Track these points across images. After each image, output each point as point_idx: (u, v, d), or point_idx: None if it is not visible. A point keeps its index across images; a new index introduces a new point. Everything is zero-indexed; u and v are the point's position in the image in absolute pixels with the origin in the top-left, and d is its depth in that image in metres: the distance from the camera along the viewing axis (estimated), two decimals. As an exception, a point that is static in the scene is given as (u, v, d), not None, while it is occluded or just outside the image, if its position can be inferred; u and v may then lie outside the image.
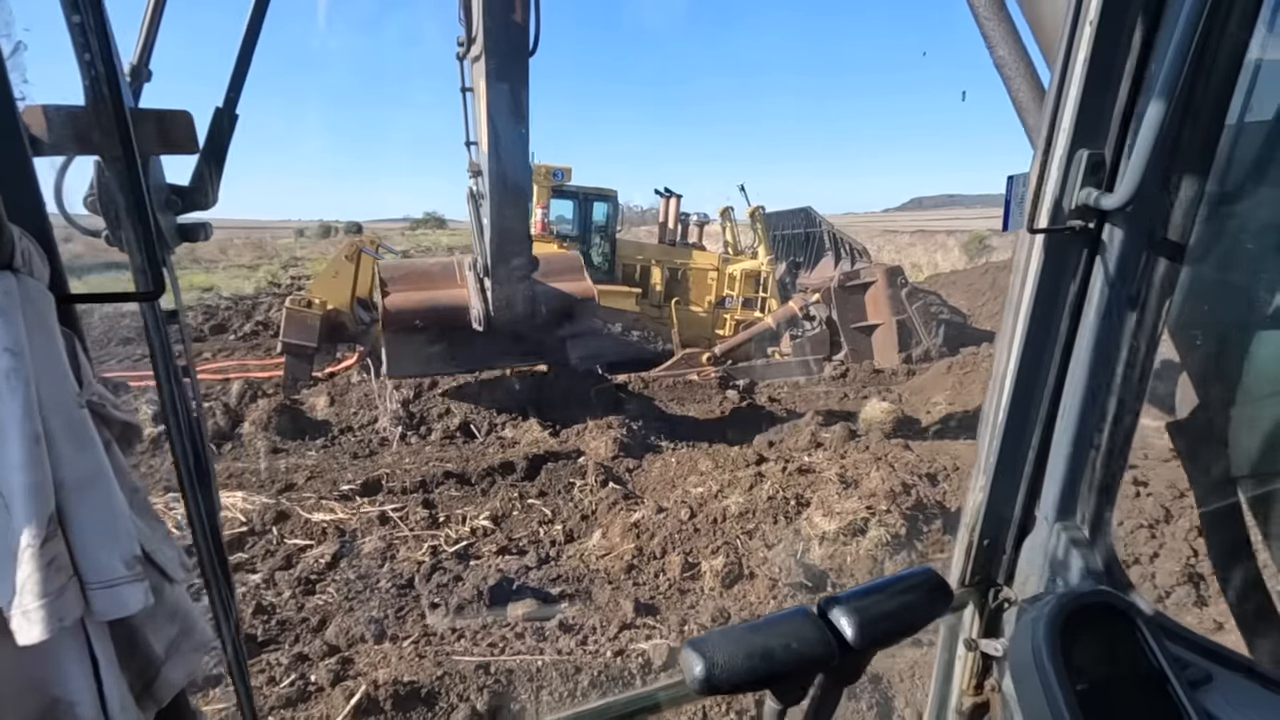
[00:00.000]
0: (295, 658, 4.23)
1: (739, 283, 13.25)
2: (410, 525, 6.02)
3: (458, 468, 7.09)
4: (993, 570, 1.44)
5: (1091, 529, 1.30)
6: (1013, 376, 1.30)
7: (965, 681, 1.44)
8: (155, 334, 0.71)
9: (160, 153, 0.74)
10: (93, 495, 0.56)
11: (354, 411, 8.65)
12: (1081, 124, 1.11)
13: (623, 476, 7.21)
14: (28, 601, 0.50)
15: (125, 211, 0.65)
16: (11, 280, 0.51)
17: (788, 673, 0.78)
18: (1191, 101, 1.06)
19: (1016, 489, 1.38)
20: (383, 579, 5.19)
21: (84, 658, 0.57)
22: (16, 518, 0.50)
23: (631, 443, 7.97)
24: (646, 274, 13.84)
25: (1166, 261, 1.15)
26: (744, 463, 7.35)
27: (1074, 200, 1.14)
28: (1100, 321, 1.20)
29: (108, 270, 0.79)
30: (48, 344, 0.54)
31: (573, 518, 6.35)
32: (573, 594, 5.13)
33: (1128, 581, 1.26)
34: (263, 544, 5.62)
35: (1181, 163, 1.10)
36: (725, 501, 6.48)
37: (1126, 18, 1.07)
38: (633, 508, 6.38)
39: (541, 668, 4.15)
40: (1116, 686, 1.05)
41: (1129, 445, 1.25)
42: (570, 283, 8.36)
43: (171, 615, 0.65)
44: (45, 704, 0.55)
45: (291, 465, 7.30)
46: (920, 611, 0.89)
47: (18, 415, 0.50)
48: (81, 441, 0.56)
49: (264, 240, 47.64)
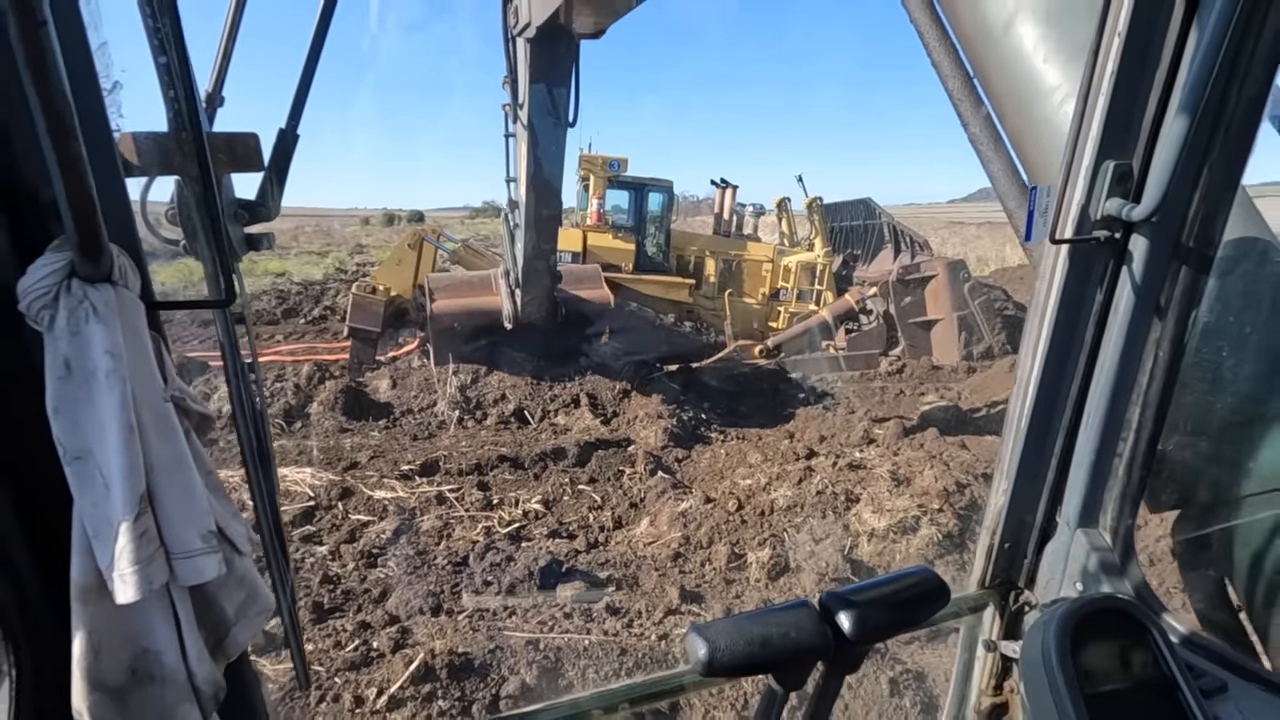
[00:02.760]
0: (359, 625, 4.49)
1: (794, 275, 13.03)
2: (465, 506, 6.25)
3: (511, 452, 7.30)
4: (1013, 573, 1.44)
5: (1114, 536, 1.28)
6: (1036, 383, 1.30)
7: (985, 682, 1.45)
8: (225, 335, 0.81)
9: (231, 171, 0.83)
10: (176, 478, 0.65)
11: (414, 395, 8.98)
12: (1108, 135, 1.10)
13: (671, 466, 7.27)
14: (123, 567, 0.59)
15: (200, 225, 0.74)
16: (111, 292, 0.61)
17: (786, 660, 0.83)
18: (1222, 113, 1.04)
19: (1039, 494, 1.38)
20: (439, 556, 5.43)
21: (169, 617, 0.66)
22: (114, 496, 0.60)
23: (681, 433, 8.02)
24: (701, 265, 13.77)
25: (1192, 273, 1.14)
26: (794, 456, 7.30)
27: (1100, 211, 1.13)
28: (1125, 331, 1.19)
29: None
30: (139, 347, 0.63)
31: (621, 505, 6.46)
32: (620, 579, 5.24)
33: (1149, 590, 1.24)
34: (329, 518, 5.95)
35: (1210, 174, 1.08)
36: (773, 494, 6.46)
37: (1156, 30, 1.05)
38: (681, 497, 6.43)
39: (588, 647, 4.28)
40: (1127, 692, 1.05)
41: (1153, 454, 1.23)
42: (590, 290, 9.89)
43: (240, 583, 0.74)
44: (138, 653, 0.65)
45: (356, 444, 7.65)
46: (917, 609, 0.92)
47: (116, 409, 0.59)
48: (166, 431, 0.65)
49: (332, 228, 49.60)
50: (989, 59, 1.37)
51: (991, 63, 1.37)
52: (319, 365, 9.62)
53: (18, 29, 0.49)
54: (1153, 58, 1.07)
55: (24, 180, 0.61)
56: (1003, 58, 1.35)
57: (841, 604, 0.85)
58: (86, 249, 0.58)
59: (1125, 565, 1.28)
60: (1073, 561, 1.32)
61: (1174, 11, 1.03)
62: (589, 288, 9.93)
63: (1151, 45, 1.06)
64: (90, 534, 0.60)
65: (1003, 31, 1.34)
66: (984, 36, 1.39)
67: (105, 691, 0.63)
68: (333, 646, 4.26)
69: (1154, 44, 1.06)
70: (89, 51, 0.63)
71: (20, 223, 0.62)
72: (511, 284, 8.85)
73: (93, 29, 0.63)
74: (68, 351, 0.58)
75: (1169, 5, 1.03)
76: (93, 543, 0.60)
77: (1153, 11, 1.03)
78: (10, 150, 0.60)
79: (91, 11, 0.63)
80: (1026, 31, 1.32)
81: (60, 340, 0.58)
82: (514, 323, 8.90)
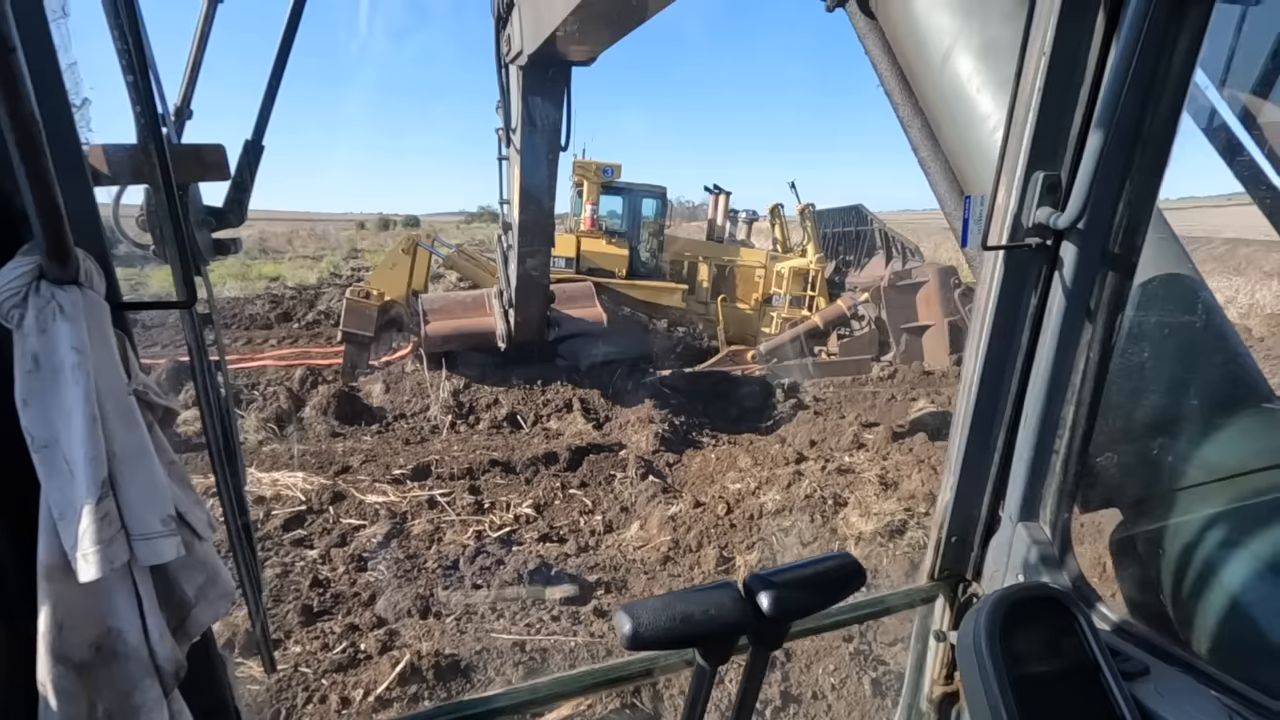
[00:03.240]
0: (347, 627, 4.51)
1: (787, 280, 13.11)
2: (457, 510, 6.27)
3: (504, 456, 7.32)
4: (961, 566, 1.50)
5: (1053, 529, 1.34)
6: (978, 383, 1.37)
7: (936, 671, 1.50)
8: (190, 334, 0.86)
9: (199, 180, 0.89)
10: (137, 465, 0.70)
11: (407, 399, 9.01)
12: (1037, 147, 1.16)
13: (662, 470, 7.31)
14: (86, 547, 0.64)
15: (166, 232, 0.79)
16: (77, 293, 0.66)
17: (707, 636, 0.89)
18: (1140, 130, 1.11)
19: (983, 490, 1.44)
20: (430, 559, 5.45)
21: (131, 597, 0.71)
22: (78, 481, 0.64)
23: (673, 437, 8.06)
24: (694, 270, 13.84)
25: (1118, 277, 1.20)
26: (784, 461, 7.35)
27: (1031, 219, 1.19)
28: (1058, 333, 1.25)
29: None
30: (103, 344, 0.68)
31: (612, 509, 6.49)
32: (609, 582, 5.27)
33: (1084, 579, 1.30)
34: (320, 522, 5.97)
35: (1132, 186, 1.15)
36: (763, 498, 6.51)
37: (1079, 50, 1.12)
38: (671, 501, 6.47)
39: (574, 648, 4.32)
40: (1054, 675, 1.10)
41: (1087, 450, 1.28)
42: (583, 309, 10.08)
43: (201, 566, 0.79)
44: (101, 631, 0.70)
45: (348, 449, 7.67)
46: (834, 591, 0.97)
47: (80, 400, 0.64)
48: (129, 422, 0.70)
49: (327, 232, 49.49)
50: (928, 87, 1.50)
51: (930, 91, 1.49)
52: (312, 369, 9.64)
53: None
54: (1077, 76, 1.13)
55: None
56: (939, 87, 1.47)
57: (762, 585, 0.90)
58: (54, 253, 0.63)
59: (1063, 556, 1.34)
60: (1015, 554, 1.37)
61: (1095, 33, 1.09)
62: (582, 307, 10.11)
63: (1076, 64, 1.13)
64: (56, 517, 0.65)
65: (940, 64, 1.47)
66: (926, 66, 1.52)
67: (69, 665, 0.67)
68: (320, 649, 4.29)
69: (1078, 63, 1.13)
70: (59, 71, 0.69)
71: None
72: (505, 303, 9.00)
73: (63, 50, 0.69)
74: (36, 347, 0.63)
75: (1090, 27, 1.09)
76: (58, 525, 0.65)
77: (1075, 32, 1.10)
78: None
79: (62, 34, 0.68)
80: (962, 63, 1.46)
81: (29, 337, 0.63)
82: (508, 341, 9.04)
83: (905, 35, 1.59)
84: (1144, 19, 1.02)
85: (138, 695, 0.70)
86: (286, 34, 1.08)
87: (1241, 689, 1.09)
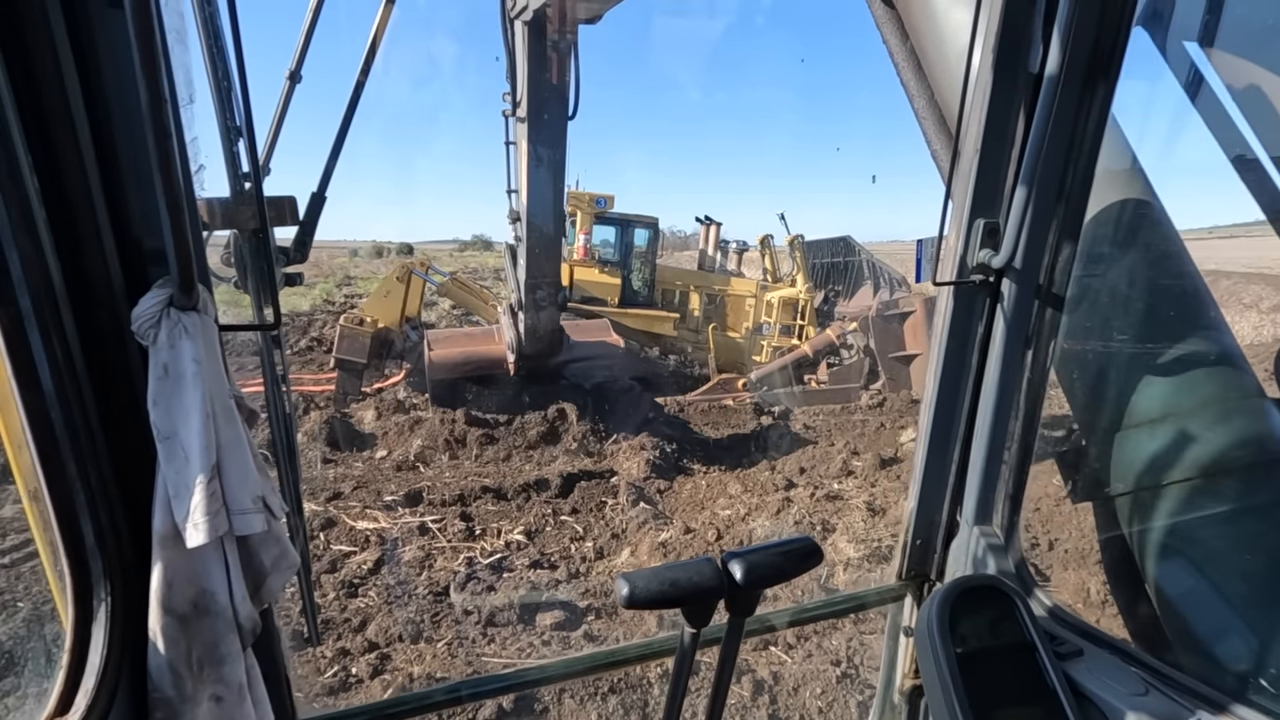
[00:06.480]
0: (338, 652, 4.56)
1: (777, 310, 13.38)
2: (448, 536, 6.32)
3: (495, 483, 7.39)
4: (925, 566, 1.66)
5: (1003, 530, 1.51)
6: (935, 403, 1.56)
7: (906, 665, 1.66)
8: (267, 353, 1.03)
9: (278, 225, 1.06)
10: (235, 454, 0.86)
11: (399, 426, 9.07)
12: (978, 197, 1.37)
13: (653, 497, 7.40)
14: (197, 518, 0.80)
15: (252, 268, 0.97)
16: (196, 317, 0.83)
17: (691, 598, 1.05)
18: (1063, 184, 1.31)
19: (943, 497, 1.62)
20: (420, 585, 5.50)
21: (221, 565, 0.87)
22: (193, 465, 0.81)
23: (664, 464, 8.15)
24: (685, 299, 14.10)
25: (1051, 310, 1.40)
26: (773, 487, 7.47)
27: (975, 259, 1.39)
28: (1002, 358, 1.45)
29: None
30: (213, 357, 0.86)
31: (603, 535, 6.55)
32: (600, 607, 5.34)
33: (1027, 571, 1.47)
34: (311, 548, 6.02)
35: (1057, 231, 1.35)
36: (752, 524, 6.62)
37: (1010, 114, 1.32)
38: (662, 527, 6.56)
39: (565, 673, 4.38)
40: (995, 655, 1.28)
41: (1029, 460, 1.47)
42: (598, 335, 10.24)
43: (276, 541, 0.95)
44: (198, 590, 0.85)
45: (339, 475, 7.72)
46: (796, 566, 1.14)
47: (198, 401, 0.81)
48: (229, 420, 0.86)
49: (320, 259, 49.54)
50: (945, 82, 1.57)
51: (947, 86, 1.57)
52: (305, 396, 9.70)
53: (154, 140, 0.73)
54: (1010, 134, 1.34)
55: (140, 239, 0.84)
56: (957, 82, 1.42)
57: (736, 558, 1.08)
58: (184, 286, 0.81)
59: (1013, 555, 1.51)
60: (971, 553, 1.54)
61: (1021, 100, 1.30)
62: (597, 334, 10.24)
63: (1007, 127, 1.34)
64: (170, 495, 0.81)
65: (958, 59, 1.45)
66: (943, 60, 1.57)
67: (174, 616, 0.83)
68: (312, 673, 4.33)
69: (1008, 126, 1.34)
70: (186, 145, 0.87)
71: (131, 266, 0.85)
72: (515, 305, 8.48)
73: (188, 128, 0.87)
74: (166, 359, 0.80)
75: (1020, 94, 1.30)
76: (172, 501, 0.81)
77: (1006, 95, 1.30)
78: (133, 219, 0.83)
79: (189, 116, 0.87)
80: None
81: (161, 351, 0.80)
82: (516, 352, 8.63)
83: (924, 26, 1.61)
84: (1055, 91, 1.22)
85: (223, 647, 0.86)
86: (349, 107, 1.27)
87: (1160, 667, 1.27)
